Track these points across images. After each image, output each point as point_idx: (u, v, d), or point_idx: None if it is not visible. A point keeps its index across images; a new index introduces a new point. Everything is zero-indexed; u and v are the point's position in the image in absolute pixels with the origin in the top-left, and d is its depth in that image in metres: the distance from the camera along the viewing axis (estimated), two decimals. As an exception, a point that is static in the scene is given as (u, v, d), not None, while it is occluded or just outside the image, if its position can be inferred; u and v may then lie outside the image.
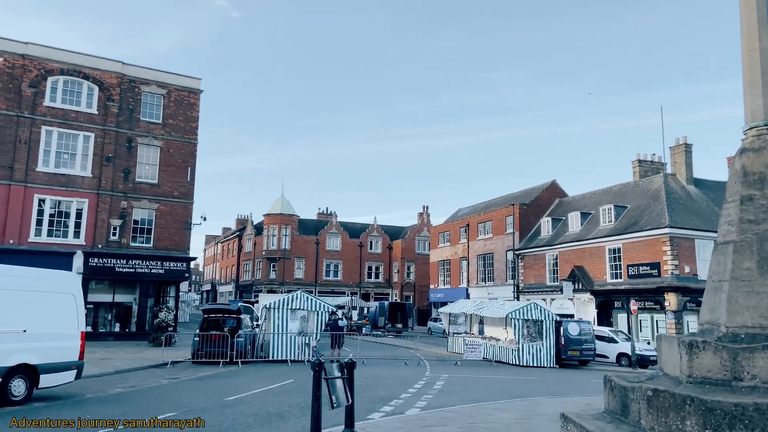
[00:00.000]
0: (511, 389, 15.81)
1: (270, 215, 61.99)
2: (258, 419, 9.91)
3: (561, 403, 12.54)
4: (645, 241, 33.76)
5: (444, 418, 10.35)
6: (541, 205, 46.94)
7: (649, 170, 40.84)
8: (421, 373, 19.19)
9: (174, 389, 13.66)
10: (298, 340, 21.22)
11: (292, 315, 21.68)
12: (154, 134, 31.75)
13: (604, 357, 26.77)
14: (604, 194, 41.92)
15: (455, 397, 13.83)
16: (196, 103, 33.31)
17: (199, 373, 17.33)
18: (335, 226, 65.77)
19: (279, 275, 60.21)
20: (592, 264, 37.52)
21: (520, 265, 44.75)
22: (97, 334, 29.19)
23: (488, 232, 49.42)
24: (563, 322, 25.58)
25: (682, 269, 32.17)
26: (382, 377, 17.40)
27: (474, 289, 49.78)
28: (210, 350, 19.49)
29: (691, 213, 34.30)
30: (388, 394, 13.84)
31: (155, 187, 31.44)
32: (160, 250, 30.98)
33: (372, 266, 67.66)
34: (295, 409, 11.06)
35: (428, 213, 70.13)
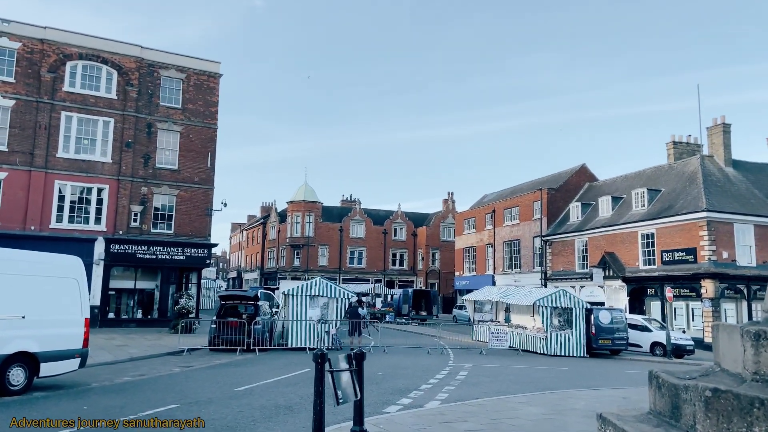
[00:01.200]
0: (539, 380, 14.91)
1: (293, 202, 61.64)
2: (265, 412, 9.25)
3: (594, 397, 11.64)
4: (680, 225, 32.27)
5: (466, 412, 9.54)
6: (570, 190, 45.48)
7: (685, 152, 39.10)
8: (444, 362, 18.41)
9: (184, 378, 13.13)
10: (318, 327, 20.60)
11: (311, 302, 21.06)
12: (174, 119, 31.34)
13: (637, 346, 25.61)
14: (637, 178, 40.32)
15: (479, 388, 13.01)
16: (216, 87, 32.78)
17: (214, 361, 16.83)
18: (359, 213, 65.15)
19: (303, 262, 59.93)
20: (624, 250, 36.13)
21: (548, 251, 43.48)
22: (120, 321, 29.14)
23: (515, 218, 48.19)
24: (594, 310, 24.47)
25: (719, 255, 30.65)
26: (402, 366, 16.67)
27: (500, 277, 48.70)
28: (227, 337, 19.00)
29: (729, 196, 32.64)
30: (408, 384, 13.08)
31: (175, 173, 31.08)
32: (181, 236, 30.67)
33: (396, 253, 66.95)
34: (307, 401, 10.35)
35: (453, 199, 68.98)
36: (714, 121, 36.21)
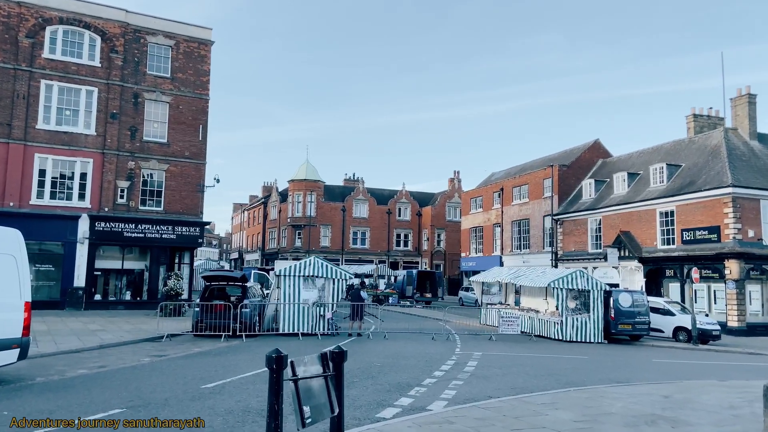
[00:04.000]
0: (560, 372, 13.08)
1: (294, 181, 59.71)
2: (228, 420, 7.44)
3: (629, 395, 9.80)
4: (702, 202, 30.19)
5: (479, 419, 7.72)
6: (582, 167, 43.30)
7: (706, 126, 36.86)
8: (450, 349, 16.62)
9: (148, 371, 11.37)
10: (312, 311, 18.82)
11: (305, 283, 19.26)
12: (162, 89, 29.36)
13: (659, 331, 23.74)
14: (654, 153, 38.11)
15: (491, 383, 11.19)
16: (207, 55, 30.72)
17: (193, 348, 15.09)
18: (362, 192, 63.17)
19: (305, 243, 58.19)
20: (641, 229, 34.10)
21: (559, 231, 41.48)
22: (106, 303, 27.58)
23: (524, 197, 46.12)
24: (613, 293, 22.57)
25: (745, 233, 28.62)
26: (404, 355, 14.88)
27: (508, 258, 46.81)
28: (212, 322, 17.26)
29: (755, 171, 30.50)
30: (409, 379, 11.28)
31: (164, 147, 29.19)
32: (171, 214, 28.89)
33: (401, 234, 65.09)
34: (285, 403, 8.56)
35: (459, 178, 66.85)
36: (738, 92, 33.92)
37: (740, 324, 27.63)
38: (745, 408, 8.76)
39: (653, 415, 8.17)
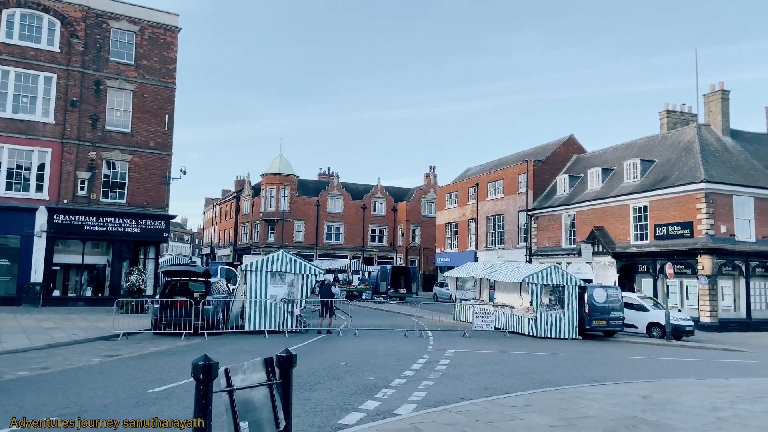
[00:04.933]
0: (535, 371, 12.59)
1: (268, 175, 58.57)
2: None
3: (607, 396, 9.31)
4: (676, 198, 30.16)
5: (449, 424, 7.12)
6: (557, 162, 43.18)
7: (679, 122, 36.95)
8: (422, 347, 16.04)
9: (95, 374, 10.53)
10: (280, 307, 18.05)
11: (273, 278, 18.48)
12: (126, 76, 28.15)
13: (633, 327, 23.53)
14: (628, 148, 38.10)
15: (464, 383, 10.62)
16: (174, 42, 29.56)
17: (149, 348, 14.23)
18: (337, 186, 62.35)
19: (278, 238, 57.14)
20: (614, 224, 34.03)
21: (534, 226, 41.31)
22: (66, 299, 26.34)
23: (499, 192, 45.86)
24: (588, 288, 22.26)
25: (717, 229, 28.65)
26: (374, 354, 14.24)
27: (483, 253, 46.53)
28: (172, 319, 16.37)
29: (728, 167, 30.57)
30: (377, 379, 10.65)
31: (128, 137, 28.00)
32: (134, 206, 27.75)
33: (375, 229, 64.47)
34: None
35: (435, 174, 66.45)
36: (712, 88, 34.02)
37: (712, 319, 27.66)
38: (728, 410, 8.32)
39: (634, 418, 7.67)
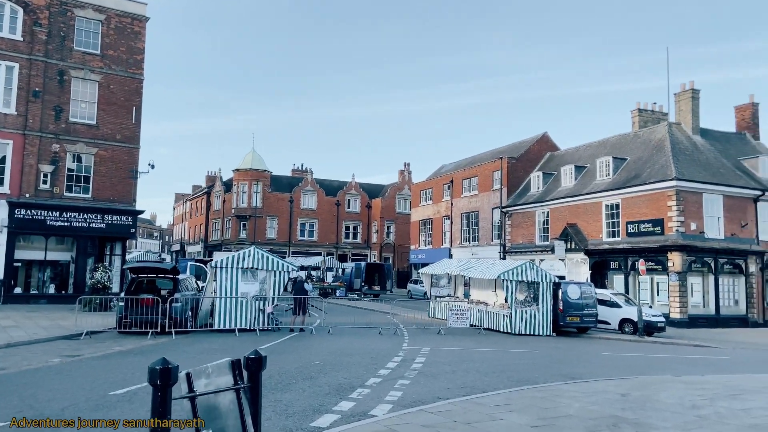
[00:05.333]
0: (511, 368, 12.42)
1: (240, 170, 57.65)
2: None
3: (585, 393, 9.15)
4: (647, 195, 30.48)
5: (426, 426, 6.85)
6: (531, 160, 43.38)
7: (650, 121, 37.43)
8: (397, 345, 15.77)
9: (54, 374, 9.99)
10: (251, 305, 17.58)
11: (244, 276, 17.99)
12: (91, 67, 27.20)
13: (606, 323, 23.63)
14: (601, 146, 38.45)
15: (440, 382, 10.37)
16: (142, 31, 28.69)
17: (114, 347, 13.65)
18: (311, 183, 61.71)
19: (250, 234, 56.29)
20: (587, 222, 34.30)
21: (508, 223, 41.43)
22: (28, 297, 25.40)
23: (473, 189, 45.90)
24: (562, 285, 22.29)
25: (687, 226, 29.04)
26: (348, 352, 13.90)
27: (457, 250, 46.54)
28: (138, 318, 15.78)
29: (698, 165, 31.01)
30: (351, 379, 10.32)
31: (93, 129, 27.08)
32: (100, 201, 26.86)
33: (350, 226, 64.04)
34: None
35: (410, 170, 66.31)
36: (682, 87, 34.49)
37: (682, 316, 28.02)
38: (708, 408, 8.22)
39: (614, 417, 7.50)
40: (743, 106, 36.49)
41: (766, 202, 31.16)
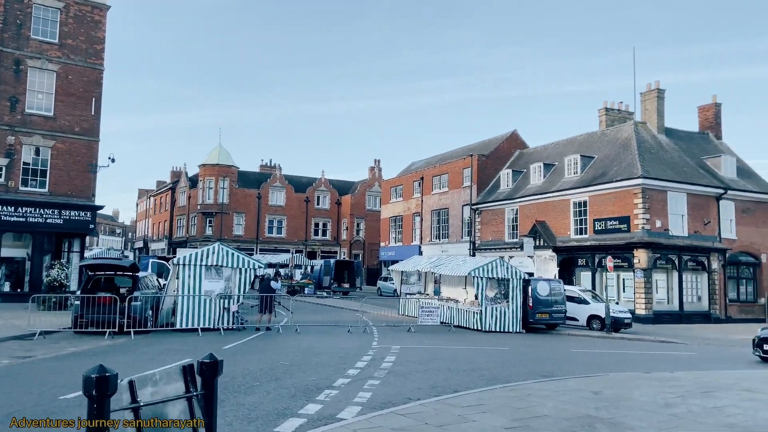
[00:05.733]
0: (483, 366, 12.22)
1: (206, 166, 56.48)
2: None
3: (557, 392, 8.98)
4: (614, 193, 30.83)
5: (396, 429, 6.54)
6: (500, 157, 43.53)
7: (616, 119, 37.90)
8: (367, 343, 15.44)
9: (0, 378, 9.33)
10: (215, 304, 17.02)
11: (208, 273, 17.41)
12: (49, 56, 26.09)
13: (574, 320, 23.77)
14: (569, 144, 38.78)
15: (411, 382, 10.08)
16: (102, 20, 27.65)
17: (68, 348, 12.98)
18: (279, 179, 60.87)
19: (216, 231, 55.20)
20: (555, 219, 34.54)
21: (477, 220, 41.50)
22: (-19, 296, 24.24)
23: (444, 186, 45.85)
24: (532, 281, 22.30)
25: (653, 224, 29.45)
26: (315, 351, 13.51)
27: (427, 247, 46.45)
28: (96, 317, 15.07)
29: (663, 163, 31.49)
30: (319, 380, 9.95)
31: (51, 121, 26.00)
32: (58, 196, 25.82)
33: (319, 223, 63.44)
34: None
35: (380, 167, 66.00)
36: (648, 87, 34.95)
37: (647, 312, 28.41)
38: (681, 406, 8.12)
39: (589, 417, 7.31)
40: (706, 106, 37.24)
41: (727, 201, 31.85)
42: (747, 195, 32.64)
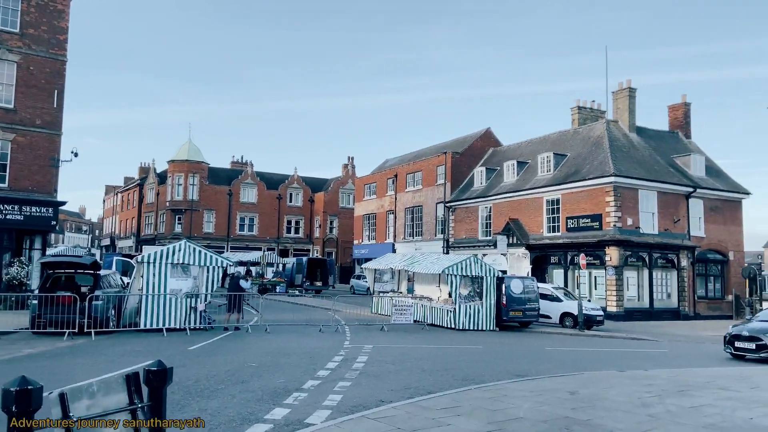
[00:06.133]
0: (457, 366, 11.96)
1: (175, 162, 55.26)
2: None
3: (533, 392, 8.76)
4: (587, 191, 31.00)
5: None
6: (474, 155, 43.51)
7: (588, 118, 38.18)
8: (338, 343, 15.07)
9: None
10: (181, 303, 16.45)
11: (174, 271, 16.82)
12: (9, 46, 24.99)
13: (547, 317, 23.78)
14: (542, 142, 38.94)
15: (383, 383, 9.76)
16: (66, 10, 26.61)
17: (24, 349, 12.33)
18: (251, 175, 59.94)
19: (186, 229, 54.06)
20: (529, 217, 34.63)
21: (451, 218, 41.42)
22: (-65, 296, 23.11)
23: (418, 184, 45.65)
24: (506, 279, 22.19)
25: (624, 221, 29.70)
26: (285, 352, 13.09)
27: (401, 245, 46.23)
28: (55, 317, 14.39)
29: (634, 162, 31.79)
30: (288, 382, 9.55)
31: (10, 113, 24.90)
32: (18, 191, 24.76)
33: (292, 220, 62.70)
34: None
35: (353, 165, 65.49)
36: (620, 85, 35.24)
37: (618, 309, 28.62)
38: (658, 406, 7.96)
39: (567, 419, 7.09)
40: (676, 105, 37.74)
41: (696, 199, 32.31)
42: (715, 193, 33.18)
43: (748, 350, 14.58)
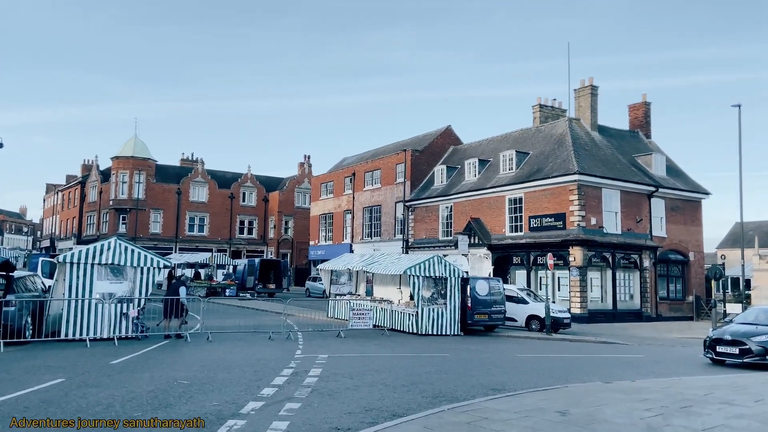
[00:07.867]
0: (424, 379, 10.50)
1: (119, 158, 52.21)
2: None
3: (518, 413, 7.37)
4: (550, 189, 30.20)
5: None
6: (434, 153, 42.40)
7: (550, 116, 37.61)
8: (290, 352, 13.42)
9: None
10: (108, 309, 14.46)
11: (105, 273, 14.83)
12: None
13: (512, 320, 22.63)
14: (504, 140, 38.12)
15: (339, 403, 8.20)
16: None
17: None
18: (201, 174, 57.31)
19: (131, 229, 51.07)
20: (491, 216, 33.65)
21: (411, 218, 40.14)
22: None
23: (376, 182, 44.23)
24: (470, 280, 20.93)
25: (588, 221, 29.00)
26: (226, 365, 11.36)
27: (359, 245, 44.68)
28: (-43, 326, 12.22)
29: (597, 160, 31.20)
30: (223, 404, 7.88)
31: None
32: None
33: (245, 221, 60.32)
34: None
35: (310, 163, 63.58)
36: (582, 83, 34.72)
37: (583, 311, 27.86)
38: (667, 429, 6.70)
39: (567, 451, 5.69)
40: (636, 104, 37.54)
41: (658, 198, 31.99)
42: (676, 193, 32.97)
43: (730, 355, 13.67)
